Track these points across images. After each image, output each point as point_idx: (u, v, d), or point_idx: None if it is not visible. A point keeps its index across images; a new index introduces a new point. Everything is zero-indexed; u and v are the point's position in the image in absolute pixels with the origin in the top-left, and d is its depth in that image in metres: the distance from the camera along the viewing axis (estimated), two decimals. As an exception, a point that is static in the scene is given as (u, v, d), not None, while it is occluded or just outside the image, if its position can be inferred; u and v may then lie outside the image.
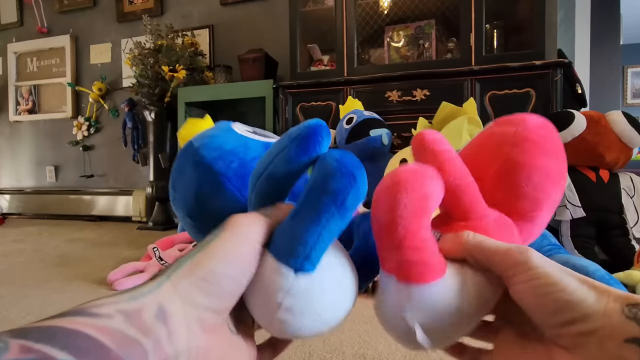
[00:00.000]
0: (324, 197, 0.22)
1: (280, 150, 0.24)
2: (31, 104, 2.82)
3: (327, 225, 0.22)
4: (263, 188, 0.25)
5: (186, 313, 0.19)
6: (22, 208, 2.76)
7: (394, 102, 1.57)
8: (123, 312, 0.18)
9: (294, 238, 0.22)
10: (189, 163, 0.33)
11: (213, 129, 0.36)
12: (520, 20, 1.64)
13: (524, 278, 0.21)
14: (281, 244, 0.23)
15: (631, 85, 4.56)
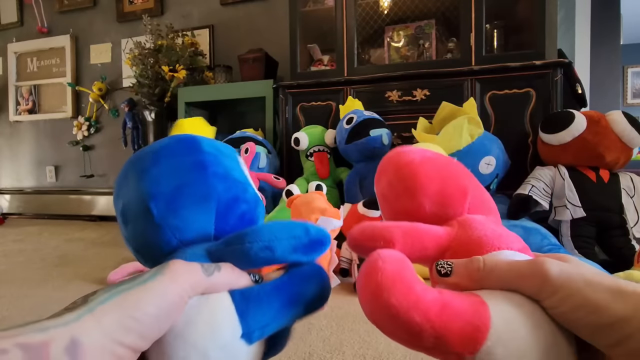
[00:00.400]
0: (301, 304, 0.27)
1: (293, 237, 0.27)
2: (31, 104, 2.82)
3: (290, 320, 0.27)
4: (252, 252, 0.25)
5: (104, 348, 0.18)
6: (22, 208, 2.76)
7: (394, 102, 1.57)
8: (23, 346, 0.16)
9: (261, 312, 0.25)
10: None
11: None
12: (520, 20, 1.64)
13: (551, 304, 0.20)
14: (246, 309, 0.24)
15: (631, 85, 4.56)
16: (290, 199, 0.99)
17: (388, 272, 0.22)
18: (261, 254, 0.25)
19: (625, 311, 0.18)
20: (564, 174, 1.19)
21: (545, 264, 0.20)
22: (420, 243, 0.27)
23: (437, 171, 0.30)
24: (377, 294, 0.21)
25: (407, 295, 0.21)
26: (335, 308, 0.83)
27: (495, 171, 1.28)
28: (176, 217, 0.27)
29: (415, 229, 0.27)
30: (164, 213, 0.27)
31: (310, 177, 1.58)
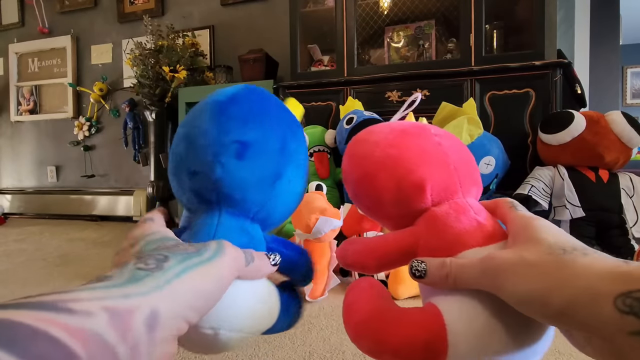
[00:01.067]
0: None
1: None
2: (32, 104, 2.82)
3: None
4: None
5: (173, 322, 0.18)
6: (23, 208, 2.76)
7: (394, 102, 1.57)
8: (111, 310, 0.16)
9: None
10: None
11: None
12: (520, 20, 1.64)
13: (505, 299, 0.22)
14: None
15: (630, 86, 4.56)
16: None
17: (362, 317, 0.27)
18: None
19: (561, 303, 0.18)
20: (564, 174, 1.19)
21: (492, 260, 0.22)
22: (389, 261, 0.31)
23: (392, 173, 0.31)
24: (356, 335, 0.27)
25: (377, 337, 0.25)
26: (336, 308, 0.83)
27: (494, 171, 1.28)
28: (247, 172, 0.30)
29: (383, 247, 0.31)
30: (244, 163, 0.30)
31: (310, 177, 1.59)
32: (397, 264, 0.31)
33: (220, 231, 0.29)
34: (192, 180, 0.31)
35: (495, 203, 0.30)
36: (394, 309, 0.27)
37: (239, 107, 0.31)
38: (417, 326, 0.24)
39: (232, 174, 0.29)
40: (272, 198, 0.31)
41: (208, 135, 0.30)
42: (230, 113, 0.31)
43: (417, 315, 0.25)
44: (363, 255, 0.32)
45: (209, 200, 0.30)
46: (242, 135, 0.30)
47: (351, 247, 0.33)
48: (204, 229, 0.29)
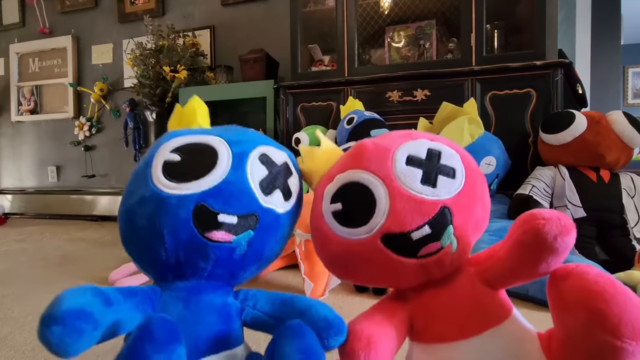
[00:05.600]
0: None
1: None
2: (33, 105, 2.83)
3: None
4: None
5: None
6: (24, 208, 2.77)
7: (395, 102, 1.57)
8: None
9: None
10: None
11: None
12: (520, 20, 1.64)
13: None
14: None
15: (632, 85, 4.55)
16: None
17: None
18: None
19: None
20: (565, 174, 1.19)
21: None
22: (392, 346, 0.39)
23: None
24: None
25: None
26: (336, 308, 0.83)
27: (495, 171, 1.28)
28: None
29: (379, 334, 0.38)
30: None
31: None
32: (399, 342, 0.42)
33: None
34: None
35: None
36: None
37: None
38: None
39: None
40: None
41: None
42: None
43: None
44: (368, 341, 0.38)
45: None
46: None
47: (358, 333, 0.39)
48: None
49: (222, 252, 0.41)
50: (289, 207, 0.47)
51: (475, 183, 0.43)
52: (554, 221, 0.34)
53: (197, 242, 0.40)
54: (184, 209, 0.40)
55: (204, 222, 0.40)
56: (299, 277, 0.93)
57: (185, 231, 0.39)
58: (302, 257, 0.91)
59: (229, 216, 0.40)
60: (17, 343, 0.72)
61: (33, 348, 0.69)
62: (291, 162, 0.50)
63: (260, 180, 0.44)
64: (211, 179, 0.41)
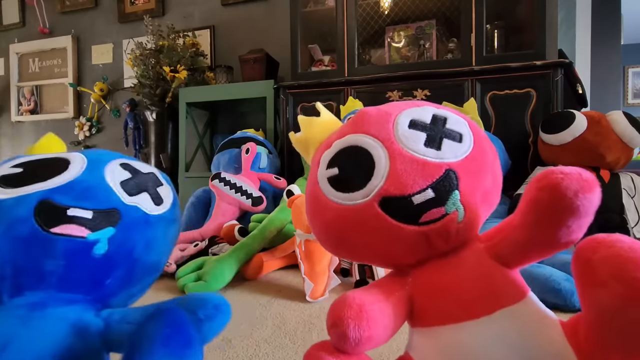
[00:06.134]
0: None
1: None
2: (33, 105, 2.83)
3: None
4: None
5: None
6: (24, 208, 2.77)
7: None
8: None
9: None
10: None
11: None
12: (520, 20, 1.64)
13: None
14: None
15: (632, 85, 4.55)
16: (291, 199, 0.99)
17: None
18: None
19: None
20: (565, 174, 1.19)
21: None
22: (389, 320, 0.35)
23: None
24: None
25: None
26: (336, 308, 0.83)
27: (495, 171, 1.28)
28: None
29: (373, 305, 0.33)
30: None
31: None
32: (399, 322, 0.38)
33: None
34: None
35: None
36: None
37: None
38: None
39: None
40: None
41: None
42: None
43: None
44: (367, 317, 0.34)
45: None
46: None
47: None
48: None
49: (74, 247, 0.35)
50: (161, 212, 0.43)
51: (484, 150, 0.39)
52: (574, 176, 0.30)
53: (40, 238, 0.34)
54: (23, 207, 0.35)
55: (49, 217, 0.35)
56: (299, 277, 0.93)
57: (24, 229, 0.34)
58: (302, 257, 0.91)
59: (82, 210, 0.36)
60: (17, 343, 0.72)
61: (33, 348, 0.69)
62: (161, 176, 0.46)
63: (122, 181, 0.40)
64: (60, 179, 0.38)
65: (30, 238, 0.34)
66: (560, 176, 0.30)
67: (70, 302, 0.36)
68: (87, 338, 0.34)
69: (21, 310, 0.34)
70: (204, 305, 0.35)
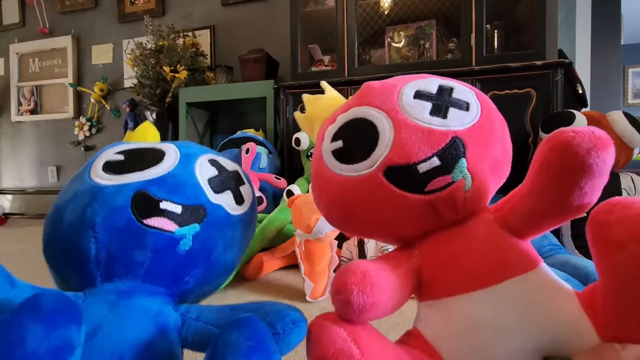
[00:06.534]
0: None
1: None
2: (33, 105, 2.83)
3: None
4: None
5: None
6: (24, 208, 2.77)
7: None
8: None
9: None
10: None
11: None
12: (521, 20, 1.64)
13: None
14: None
15: (632, 85, 4.55)
16: (291, 199, 0.99)
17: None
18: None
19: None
20: (565, 174, 1.19)
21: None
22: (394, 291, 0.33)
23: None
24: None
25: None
26: (336, 308, 0.83)
27: (495, 171, 1.28)
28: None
29: (377, 271, 0.32)
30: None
31: (311, 178, 1.58)
32: (404, 295, 0.37)
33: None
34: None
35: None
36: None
37: None
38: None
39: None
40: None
41: None
42: None
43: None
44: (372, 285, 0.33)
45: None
46: None
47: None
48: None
49: (162, 241, 0.37)
50: (241, 212, 0.44)
51: (493, 120, 0.38)
52: (586, 133, 0.28)
53: (133, 229, 0.36)
54: (122, 196, 0.37)
55: (143, 208, 0.37)
56: (299, 277, 0.93)
57: (121, 218, 0.36)
58: (302, 257, 0.91)
59: (173, 204, 0.38)
60: (17, 343, 0.72)
61: (33, 348, 0.69)
62: (243, 174, 0.48)
63: (210, 178, 0.42)
64: (155, 170, 0.39)
65: (126, 227, 0.36)
66: (571, 134, 0.28)
67: (153, 293, 0.37)
68: (166, 331, 0.35)
69: (110, 296, 0.36)
70: (282, 319, 0.35)
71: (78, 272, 0.38)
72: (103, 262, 0.36)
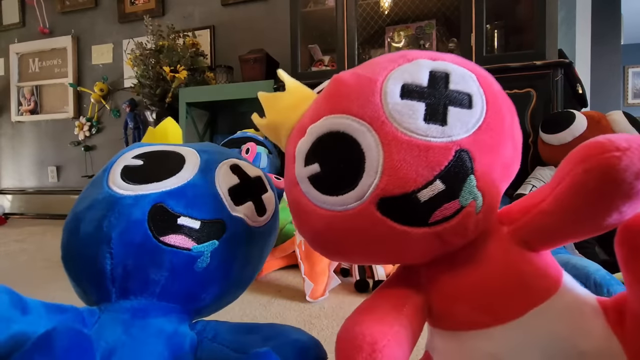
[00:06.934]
0: None
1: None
2: (33, 105, 2.83)
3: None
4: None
5: None
6: (24, 208, 2.77)
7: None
8: None
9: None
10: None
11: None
12: (520, 20, 1.64)
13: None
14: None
15: (632, 85, 4.55)
16: (291, 199, 0.99)
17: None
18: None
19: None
20: (565, 174, 1.19)
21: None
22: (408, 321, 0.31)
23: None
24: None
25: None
26: (336, 308, 0.83)
27: (495, 171, 1.28)
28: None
29: (386, 337, 0.28)
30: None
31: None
32: (418, 330, 0.34)
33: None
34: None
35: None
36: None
37: None
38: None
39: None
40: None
41: None
42: None
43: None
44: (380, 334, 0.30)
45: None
46: None
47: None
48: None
49: (179, 260, 0.35)
50: (262, 224, 0.41)
51: (501, 111, 0.31)
52: (636, 152, 0.23)
53: (150, 247, 0.34)
54: (140, 208, 0.35)
55: (160, 223, 0.35)
56: (299, 277, 0.93)
57: (138, 233, 0.35)
58: (302, 257, 0.91)
59: (191, 220, 0.36)
60: (18, 343, 0.72)
61: (33, 348, 0.69)
62: (266, 180, 0.45)
63: (230, 187, 0.39)
64: (174, 180, 0.37)
65: (142, 244, 0.34)
66: (616, 154, 0.23)
67: (169, 312, 0.36)
68: (180, 355, 0.34)
69: (125, 315, 0.34)
70: (306, 351, 0.34)
71: (94, 286, 0.36)
72: (119, 278, 0.35)
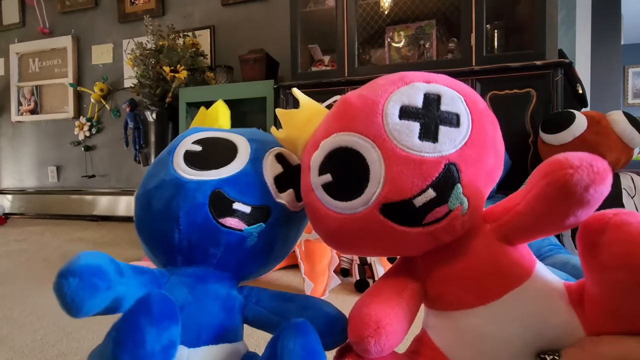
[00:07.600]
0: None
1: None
2: (33, 105, 2.83)
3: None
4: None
5: None
6: (24, 208, 2.77)
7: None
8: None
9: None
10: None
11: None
12: (521, 20, 1.64)
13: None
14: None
15: (632, 85, 4.55)
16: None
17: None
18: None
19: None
20: (565, 174, 1.19)
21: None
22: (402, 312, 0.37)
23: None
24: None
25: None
26: (336, 308, 0.83)
27: (495, 171, 1.28)
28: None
29: (389, 316, 0.35)
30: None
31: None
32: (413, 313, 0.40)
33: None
34: None
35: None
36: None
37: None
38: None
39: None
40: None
41: None
42: None
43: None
44: (383, 316, 0.36)
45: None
46: None
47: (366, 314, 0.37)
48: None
49: (233, 239, 0.42)
50: (300, 209, 0.48)
51: (484, 127, 0.38)
52: (585, 169, 0.28)
53: (210, 227, 0.41)
54: (202, 193, 0.41)
55: (219, 208, 0.41)
56: (299, 277, 0.93)
57: (201, 214, 0.41)
58: (302, 257, 0.91)
59: (243, 205, 0.42)
60: (17, 343, 0.72)
61: (33, 348, 0.69)
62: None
63: (276, 176, 0.45)
64: (229, 168, 0.43)
65: (204, 223, 0.41)
66: (569, 172, 0.28)
67: (222, 279, 0.44)
68: (232, 313, 0.42)
69: (189, 279, 0.42)
70: (333, 330, 0.40)
71: (164, 253, 0.44)
72: (184, 249, 0.42)
